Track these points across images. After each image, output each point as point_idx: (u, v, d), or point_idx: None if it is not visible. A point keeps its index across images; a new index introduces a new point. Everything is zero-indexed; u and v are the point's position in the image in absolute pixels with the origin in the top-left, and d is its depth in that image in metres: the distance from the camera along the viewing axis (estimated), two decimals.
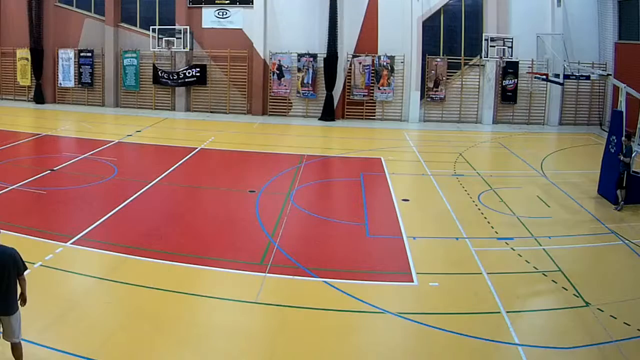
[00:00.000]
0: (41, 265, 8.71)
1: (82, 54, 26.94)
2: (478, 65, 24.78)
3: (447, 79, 24.92)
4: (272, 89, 25.63)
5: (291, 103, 25.86)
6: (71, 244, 9.71)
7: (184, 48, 25.49)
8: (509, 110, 25.01)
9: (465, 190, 13.95)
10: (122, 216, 11.48)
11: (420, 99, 24.87)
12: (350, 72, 24.99)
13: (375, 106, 25.32)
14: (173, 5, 26.03)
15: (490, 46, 23.80)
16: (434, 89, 24.88)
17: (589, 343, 6.97)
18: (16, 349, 5.95)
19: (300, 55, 25.11)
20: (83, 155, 16.55)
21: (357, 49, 25.02)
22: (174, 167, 15.56)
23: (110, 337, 6.87)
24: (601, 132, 22.69)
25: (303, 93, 25.45)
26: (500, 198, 13.34)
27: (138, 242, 10.00)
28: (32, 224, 10.58)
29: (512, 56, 23.98)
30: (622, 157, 12.48)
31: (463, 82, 24.97)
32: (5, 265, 5.72)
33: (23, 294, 6.00)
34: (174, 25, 25.67)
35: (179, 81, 26.08)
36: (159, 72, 26.16)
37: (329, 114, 24.85)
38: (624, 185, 12.49)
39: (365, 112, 25.33)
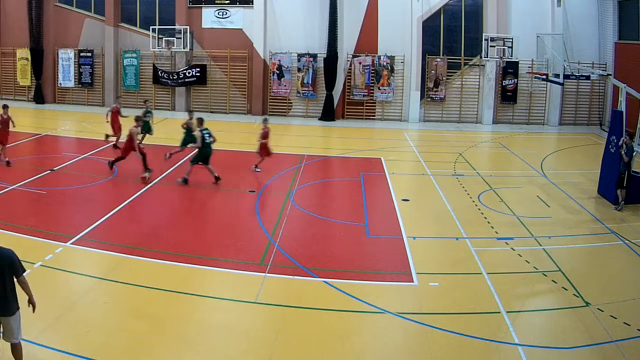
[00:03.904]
0: (41, 265, 8.71)
1: (82, 54, 26.94)
2: (478, 65, 24.78)
3: (447, 79, 24.92)
4: (272, 89, 25.64)
5: (291, 103, 25.87)
6: (71, 244, 9.71)
7: (184, 48, 25.49)
8: (509, 110, 25.02)
9: (465, 190, 13.95)
10: (122, 216, 11.48)
11: (420, 99, 24.88)
12: (350, 72, 24.99)
13: (375, 106, 25.32)
14: (173, 5, 26.03)
15: (490, 46, 23.82)
16: (434, 89, 24.89)
17: (589, 343, 6.97)
18: (16, 350, 5.95)
19: (300, 55, 25.11)
20: (83, 155, 16.56)
21: (357, 49, 25.02)
22: (174, 167, 15.55)
23: (110, 337, 6.87)
24: (601, 132, 22.70)
25: (303, 93, 25.45)
26: (500, 198, 13.35)
27: (138, 242, 10.00)
28: (32, 224, 10.58)
29: (512, 56, 24.00)
30: (623, 155, 12.46)
31: (463, 82, 24.98)
32: (2, 266, 5.70)
33: (31, 299, 5.90)
34: (174, 25, 25.67)
35: (179, 81, 26.08)
36: (159, 72, 26.16)
37: (329, 114, 24.85)
38: (624, 185, 12.50)
39: (365, 112, 25.33)
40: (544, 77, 17.61)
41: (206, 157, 13.96)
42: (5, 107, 15.41)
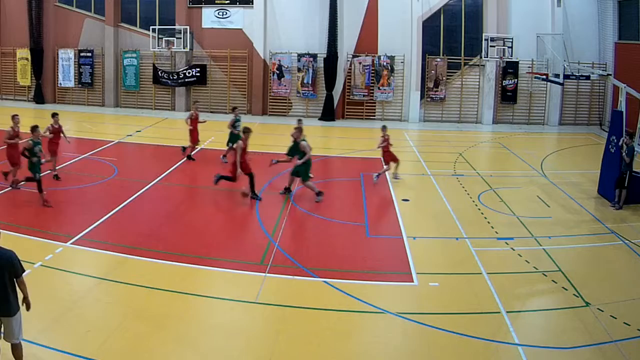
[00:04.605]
0: (41, 265, 8.71)
1: (82, 54, 26.95)
2: (478, 65, 24.79)
3: (447, 79, 24.93)
4: (272, 89, 25.64)
5: (291, 103, 25.87)
6: (71, 244, 9.71)
7: (184, 48, 25.49)
8: (509, 110, 25.02)
9: (465, 190, 13.95)
10: (122, 216, 11.48)
11: (420, 99, 24.88)
12: (350, 72, 25.00)
13: (375, 106, 25.33)
14: (173, 5, 26.04)
15: (490, 46, 23.84)
16: (434, 89, 24.89)
17: (589, 343, 6.97)
18: (16, 350, 5.96)
19: (300, 55, 25.12)
20: (83, 155, 16.56)
21: (357, 49, 25.03)
22: (174, 167, 15.56)
23: (110, 337, 6.87)
24: (601, 132, 22.70)
25: (303, 93, 25.45)
26: (500, 198, 13.34)
27: (138, 242, 10.00)
28: (32, 224, 10.58)
29: (512, 56, 24.03)
30: (624, 156, 12.46)
31: (463, 82, 24.97)
32: (3, 267, 5.71)
33: (26, 299, 5.96)
34: (174, 25, 25.69)
35: (179, 81, 26.08)
36: (159, 72, 26.16)
37: (329, 114, 24.86)
38: (625, 185, 12.49)
39: (365, 112, 25.33)
40: (544, 77, 17.61)
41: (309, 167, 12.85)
42: (55, 115, 14.40)
